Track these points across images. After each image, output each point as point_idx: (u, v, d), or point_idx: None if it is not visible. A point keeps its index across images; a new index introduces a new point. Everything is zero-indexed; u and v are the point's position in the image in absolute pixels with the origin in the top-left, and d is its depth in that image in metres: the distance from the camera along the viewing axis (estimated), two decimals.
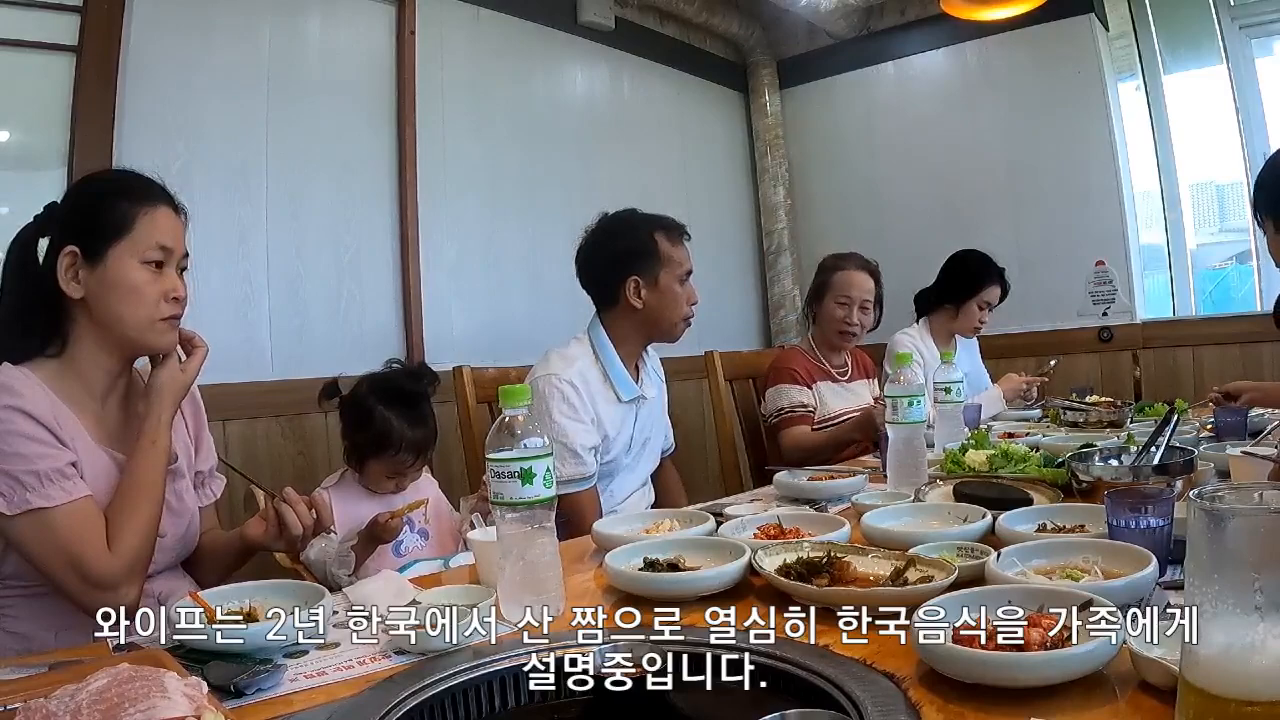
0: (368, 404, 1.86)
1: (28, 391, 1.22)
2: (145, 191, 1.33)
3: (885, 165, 4.36)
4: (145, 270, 1.29)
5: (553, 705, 0.92)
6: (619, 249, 2.11)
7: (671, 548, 1.24)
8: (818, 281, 2.83)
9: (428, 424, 1.87)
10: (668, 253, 2.10)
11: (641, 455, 2.22)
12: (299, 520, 1.35)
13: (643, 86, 4.07)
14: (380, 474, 1.87)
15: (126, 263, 1.28)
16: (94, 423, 1.32)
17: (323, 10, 2.84)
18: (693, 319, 2.18)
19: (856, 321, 2.74)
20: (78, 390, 1.32)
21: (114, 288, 1.28)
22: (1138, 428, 2.14)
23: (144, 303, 1.29)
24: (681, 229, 2.17)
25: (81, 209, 1.32)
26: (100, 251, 1.27)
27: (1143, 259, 3.91)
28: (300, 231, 2.72)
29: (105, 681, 0.67)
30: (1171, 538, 1.07)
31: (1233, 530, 0.55)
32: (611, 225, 2.16)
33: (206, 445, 1.53)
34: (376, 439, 1.83)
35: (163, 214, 1.33)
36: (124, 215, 1.29)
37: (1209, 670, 0.57)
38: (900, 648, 0.87)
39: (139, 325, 1.30)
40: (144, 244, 1.29)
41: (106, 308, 1.29)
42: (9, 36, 2.16)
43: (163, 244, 1.31)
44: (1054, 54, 3.86)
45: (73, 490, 1.21)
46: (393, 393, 1.87)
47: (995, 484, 1.56)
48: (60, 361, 1.32)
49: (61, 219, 1.33)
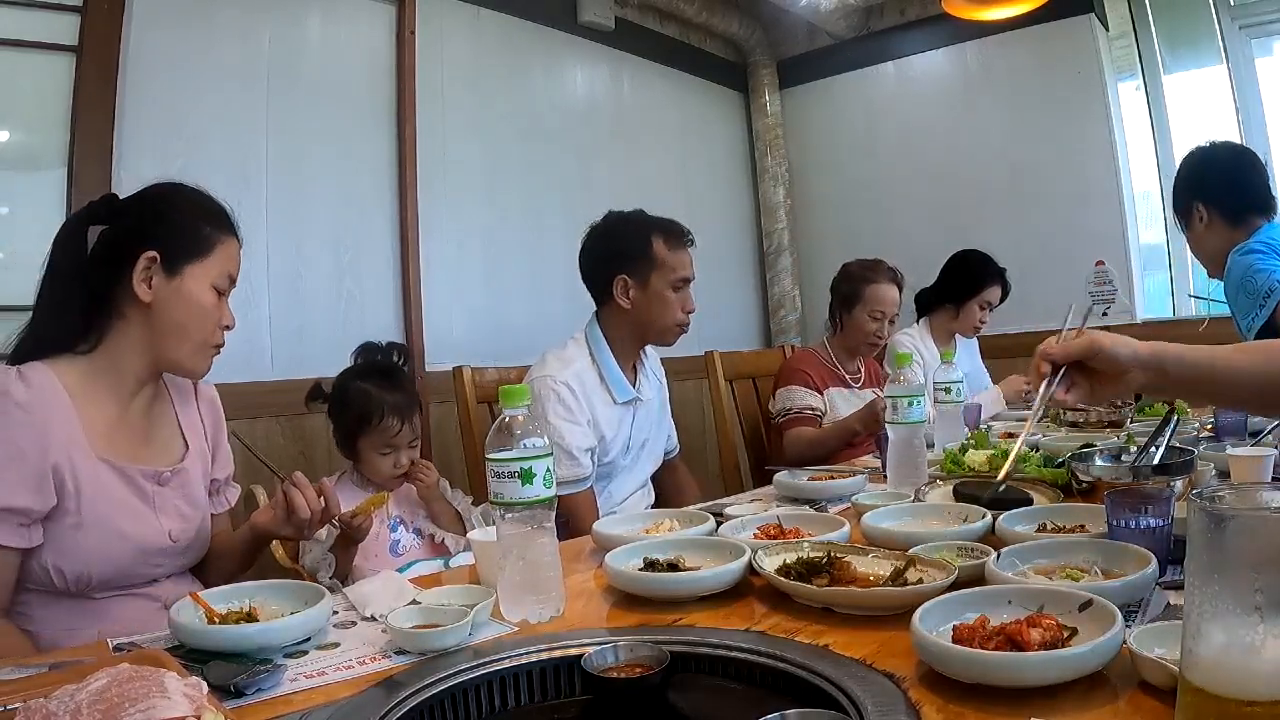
0: (345, 384, 1.91)
1: (10, 408, 1.21)
2: (226, 220, 1.40)
3: (885, 165, 4.36)
4: (212, 294, 1.36)
5: (553, 705, 0.92)
6: (612, 247, 2.12)
7: (671, 548, 1.24)
8: (848, 290, 2.80)
9: (405, 389, 1.92)
10: (663, 257, 2.09)
11: (640, 457, 2.22)
12: (307, 504, 1.35)
13: (643, 86, 4.07)
14: (375, 455, 1.87)
15: (202, 283, 1.34)
16: (107, 427, 1.31)
17: (323, 10, 2.84)
18: (688, 326, 2.17)
19: (885, 334, 2.79)
20: (102, 391, 1.32)
21: (185, 302, 1.33)
22: (1138, 428, 2.14)
23: (207, 323, 1.36)
24: (684, 234, 2.16)
25: (166, 219, 1.35)
26: (179, 265, 1.32)
27: (1143, 259, 3.91)
28: (300, 231, 2.72)
29: (105, 681, 0.67)
30: (1171, 538, 1.07)
31: (1233, 530, 0.55)
32: (612, 224, 2.17)
33: (224, 453, 1.54)
34: (360, 414, 1.87)
35: (234, 246, 1.41)
36: (208, 238, 1.35)
37: (1209, 670, 0.57)
38: (900, 648, 0.86)
39: (194, 343, 1.36)
40: (218, 270, 1.36)
41: (171, 318, 1.32)
42: (9, 36, 2.16)
43: (232, 275, 1.39)
44: (1054, 54, 3.86)
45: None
46: (365, 369, 1.95)
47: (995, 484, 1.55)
48: (90, 359, 1.32)
49: (138, 221, 1.34)
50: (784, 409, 2.67)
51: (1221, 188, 2.30)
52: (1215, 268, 2.36)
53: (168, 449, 1.42)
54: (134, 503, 1.32)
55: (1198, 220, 2.34)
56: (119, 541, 1.29)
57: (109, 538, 1.28)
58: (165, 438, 1.42)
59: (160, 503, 1.35)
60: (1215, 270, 2.37)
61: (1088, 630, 0.80)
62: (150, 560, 1.34)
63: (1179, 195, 2.42)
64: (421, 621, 0.99)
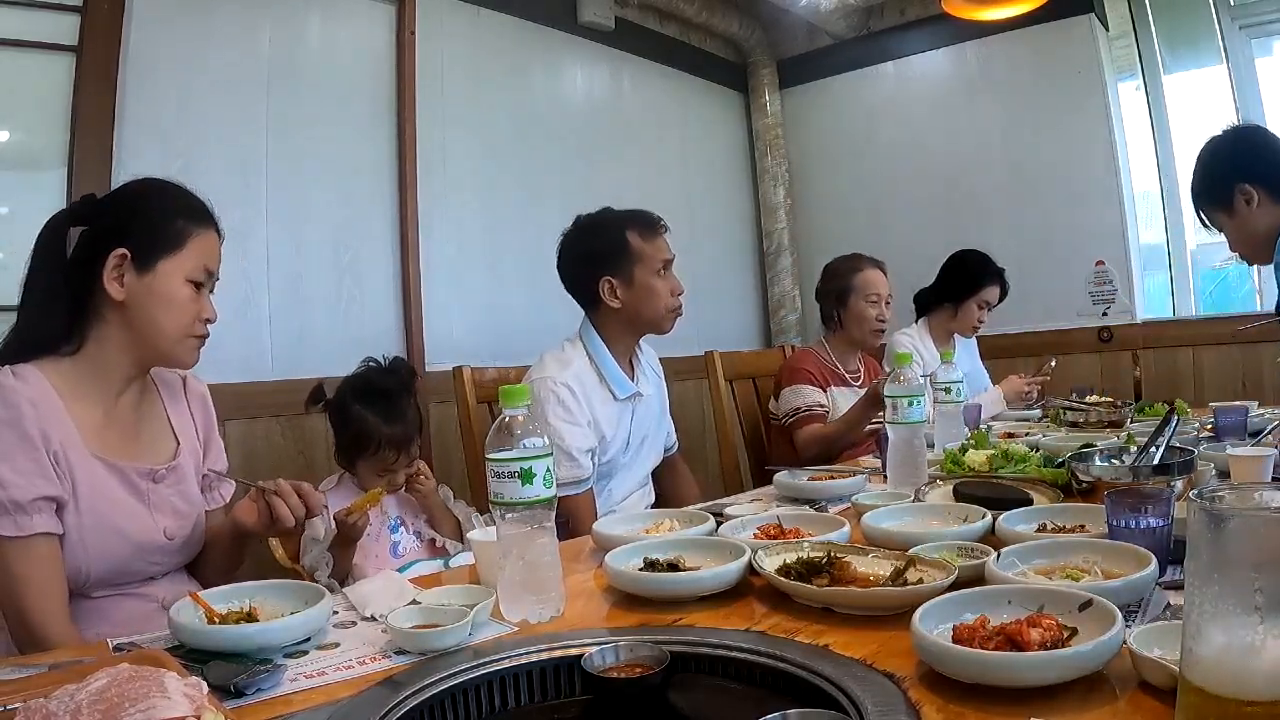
0: (345, 405, 1.89)
1: (20, 400, 1.22)
2: (200, 213, 1.39)
3: (885, 165, 4.36)
4: (188, 288, 1.35)
5: (553, 705, 0.92)
6: (590, 251, 2.11)
7: (671, 548, 1.24)
8: (838, 285, 2.81)
9: (406, 419, 1.88)
10: (640, 248, 2.09)
11: (640, 453, 2.22)
12: (290, 513, 1.33)
13: (643, 86, 4.07)
14: (370, 475, 1.87)
15: (175, 278, 1.33)
16: (96, 426, 1.32)
17: (323, 10, 2.84)
18: (681, 309, 2.16)
19: (886, 317, 2.79)
20: (90, 390, 1.32)
21: (158, 298, 1.32)
22: (1138, 428, 2.14)
23: (183, 318, 1.34)
24: (656, 221, 2.14)
25: (139, 215, 1.34)
26: (151, 261, 1.31)
27: (1143, 259, 3.91)
28: (300, 231, 2.72)
29: (105, 681, 0.67)
30: (1171, 538, 1.07)
31: (1233, 530, 0.55)
32: (583, 229, 2.15)
33: (216, 447, 1.53)
34: (357, 439, 1.86)
35: (211, 238, 1.39)
36: (179, 232, 1.34)
37: (1209, 670, 0.57)
38: (900, 648, 0.86)
39: (172, 337, 1.34)
40: (192, 264, 1.35)
41: (146, 315, 1.32)
42: (9, 36, 2.16)
43: (209, 268, 1.38)
44: (1054, 54, 3.86)
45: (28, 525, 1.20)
46: (369, 391, 1.89)
47: (995, 484, 1.56)
48: (75, 360, 1.32)
49: (113, 220, 1.34)
50: (794, 408, 2.66)
51: (1275, 164, 2.11)
52: (1266, 252, 2.15)
53: (159, 446, 1.42)
54: (129, 500, 1.32)
55: (1243, 203, 2.13)
56: (116, 539, 1.29)
57: (106, 535, 1.28)
58: (156, 435, 1.42)
59: (155, 500, 1.36)
60: (1265, 254, 2.16)
61: (1088, 630, 0.80)
62: (147, 558, 1.34)
63: (1216, 183, 2.19)
64: (421, 621, 0.99)
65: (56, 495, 1.23)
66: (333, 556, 1.74)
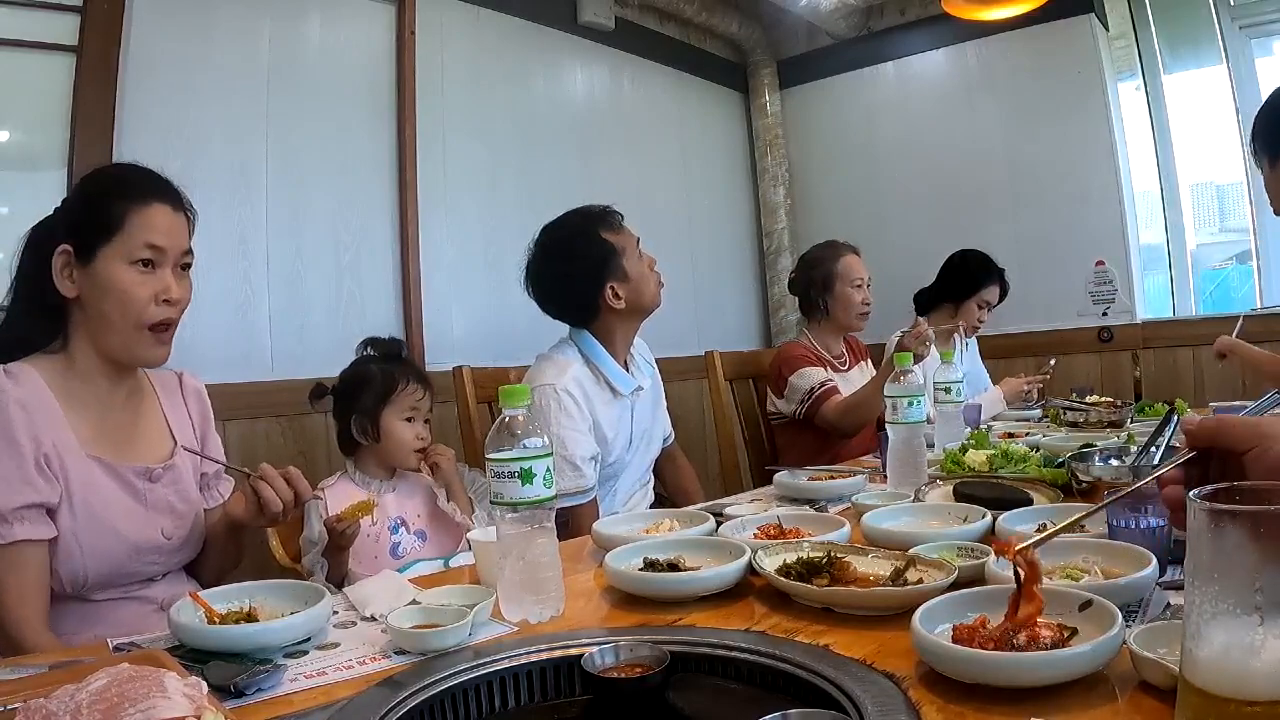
0: (360, 368, 1.93)
1: (7, 403, 1.22)
2: (141, 187, 1.30)
3: (885, 165, 4.35)
4: (134, 271, 1.27)
5: (553, 705, 0.92)
6: (586, 267, 2.08)
7: (671, 548, 1.24)
8: (820, 273, 2.85)
9: (417, 366, 1.99)
10: (619, 243, 2.10)
11: (641, 449, 2.23)
12: (277, 496, 1.30)
13: (643, 86, 4.07)
14: (398, 425, 1.88)
15: (114, 264, 1.26)
16: (91, 426, 1.31)
17: (323, 10, 2.84)
18: (662, 280, 2.17)
19: (870, 300, 2.84)
20: (81, 389, 1.31)
21: (102, 289, 1.27)
22: (1138, 428, 2.14)
23: (131, 305, 1.27)
24: (610, 211, 2.15)
25: (76, 207, 1.31)
26: (91, 251, 1.26)
27: (1143, 259, 3.91)
28: (300, 231, 2.72)
29: (105, 681, 0.67)
30: (1171, 538, 1.07)
31: (1233, 530, 0.55)
32: (564, 247, 2.12)
33: (213, 445, 1.52)
34: (384, 383, 1.89)
35: (157, 211, 1.29)
36: (115, 214, 1.26)
37: (1209, 670, 0.57)
38: (900, 648, 0.87)
39: (125, 330, 1.28)
40: (133, 244, 1.26)
41: (96, 309, 1.28)
42: (9, 36, 2.15)
43: (152, 243, 1.28)
44: (1054, 54, 3.86)
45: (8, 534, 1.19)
46: (380, 353, 1.98)
47: (995, 484, 1.56)
48: (64, 358, 1.32)
49: (58, 216, 1.33)
50: (807, 390, 2.67)
51: None
52: None
53: (156, 446, 1.41)
54: (127, 501, 1.32)
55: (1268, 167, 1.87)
56: (114, 539, 1.29)
57: (104, 535, 1.27)
58: (152, 435, 1.41)
59: (153, 500, 1.35)
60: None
61: (1088, 630, 0.80)
62: (145, 558, 1.34)
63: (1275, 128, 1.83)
64: (421, 621, 0.99)
65: (43, 501, 1.22)
66: (326, 562, 1.74)
